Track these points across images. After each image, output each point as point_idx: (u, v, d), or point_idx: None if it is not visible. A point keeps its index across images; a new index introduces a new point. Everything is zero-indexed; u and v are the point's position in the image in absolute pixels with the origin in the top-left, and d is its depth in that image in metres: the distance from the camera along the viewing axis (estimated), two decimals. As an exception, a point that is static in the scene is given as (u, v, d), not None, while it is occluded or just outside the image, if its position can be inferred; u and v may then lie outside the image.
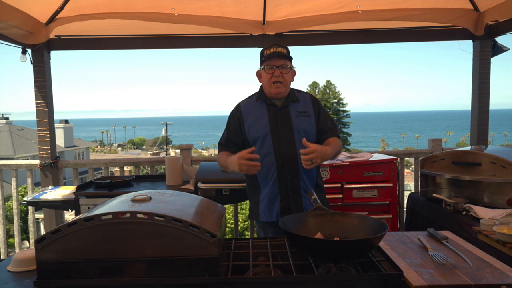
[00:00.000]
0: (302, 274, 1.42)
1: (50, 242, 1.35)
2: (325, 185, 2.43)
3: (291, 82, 2.27)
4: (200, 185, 2.87)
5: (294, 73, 2.27)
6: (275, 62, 2.17)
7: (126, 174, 3.94)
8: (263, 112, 2.25)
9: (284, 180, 2.19)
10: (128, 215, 1.36)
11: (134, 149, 74.03)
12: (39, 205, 3.05)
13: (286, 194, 2.21)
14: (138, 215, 1.36)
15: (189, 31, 3.65)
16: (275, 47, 2.18)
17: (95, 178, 3.33)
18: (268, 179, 2.22)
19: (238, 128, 2.27)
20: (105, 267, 1.35)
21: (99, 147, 72.71)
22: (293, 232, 1.50)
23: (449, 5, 3.27)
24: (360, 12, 3.23)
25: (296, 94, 2.32)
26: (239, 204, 4.12)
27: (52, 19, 3.24)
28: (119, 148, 73.81)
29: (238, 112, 2.29)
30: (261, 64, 2.24)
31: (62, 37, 3.62)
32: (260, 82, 2.31)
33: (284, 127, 2.22)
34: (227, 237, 1.82)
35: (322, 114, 2.31)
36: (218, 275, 1.36)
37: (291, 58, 2.21)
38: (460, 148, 3.02)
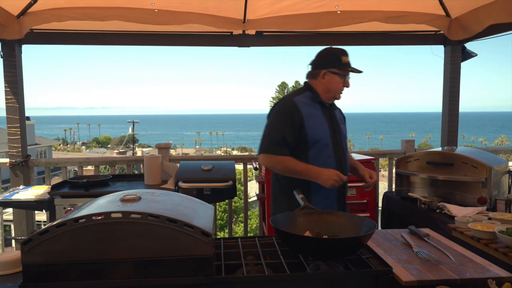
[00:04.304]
0: (294, 272, 1.44)
1: (37, 243, 1.30)
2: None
3: None
4: (181, 184, 2.83)
5: None
6: (349, 74, 2.20)
7: (91, 173, 3.81)
8: (320, 115, 2.21)
9: (342, 185, 2.13)
10: (120, 215, 1.33)
11: (99, 147, 71.93)
12: (10, 205, 2.92)
13: (342, 198, 2.23)
14: (131, 215, 1.33)
15: (168, 28, 3.59)
16: (348, 57, 2.18)
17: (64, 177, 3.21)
18: None
19: (297, 127, 2.12)
20: (96, 269, 1.31)
21: (61, 145, 70.12)
22: (286, 231, 1.52)
23: (423, 10, 3.39)
24: (338, 12, 3.29)
25: None
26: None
27: (24, 11, 3.11)
28: (83, 147, 71.49)
29: (298, 111, 2.14)
30: (332, 67, 2.16)
31: (34, 30, 3.47)
32: (322, 82, 2.19)
33: (338, 132, 2.24)
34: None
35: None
36: (213, 275, 1.35)
37: None
38: (434, 149, 3.15)
